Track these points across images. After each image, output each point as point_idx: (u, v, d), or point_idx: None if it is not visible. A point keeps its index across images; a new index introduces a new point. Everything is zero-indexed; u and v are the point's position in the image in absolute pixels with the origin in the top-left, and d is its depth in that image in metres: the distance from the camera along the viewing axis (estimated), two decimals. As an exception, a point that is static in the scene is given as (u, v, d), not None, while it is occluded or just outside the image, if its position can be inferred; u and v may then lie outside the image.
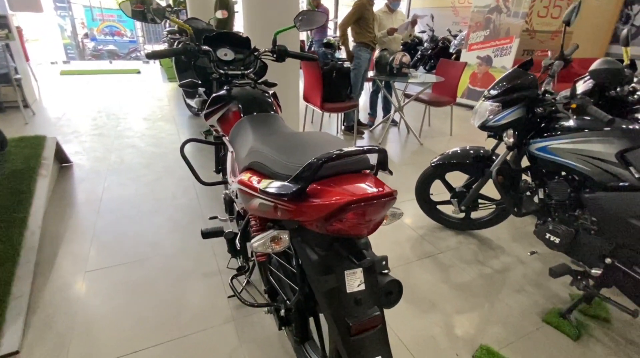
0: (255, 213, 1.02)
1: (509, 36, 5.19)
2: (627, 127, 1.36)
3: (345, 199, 0.73)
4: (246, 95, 1.52)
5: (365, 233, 0.80)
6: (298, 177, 0.80)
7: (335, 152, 0.77)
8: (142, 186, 2.77)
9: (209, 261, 1.96)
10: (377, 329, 0.87)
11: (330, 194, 0.76)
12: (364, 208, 0.73)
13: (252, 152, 1.05)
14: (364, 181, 0.80)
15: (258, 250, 0.89)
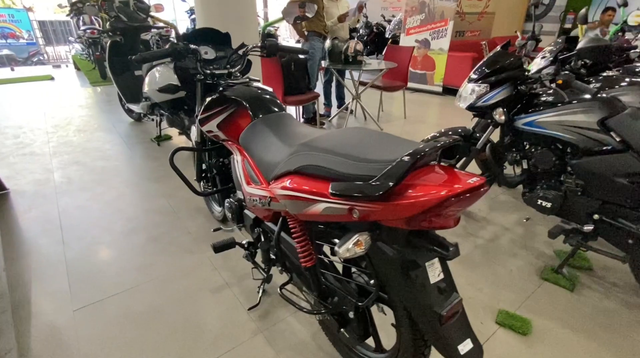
0: (313, 218, 0.96)
1: (444, 19, 5.51)
2: (605, 97, 1.53)
3: (449, 192, 0.72)
4: (252, 96, 1.42)
5: (453, 224, 0.80)
6: (388, 175, 0.77)
7: (427, 147, 0.76)
8: (105, 205, 2.48)
9: (212, 275, 1.83)
10: (460, 313, 0.89)
11: (424, 188, 0.75)
12: (464, 199, 0.73)
13: (300, 155, 0.99)
14: (447, 172, 0.80)
15: (344, 256, 0.85)
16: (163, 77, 3.07)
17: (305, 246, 1.15)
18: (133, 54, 3.73)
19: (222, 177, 1.93)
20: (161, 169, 3.06)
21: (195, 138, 1.93)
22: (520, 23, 7.25)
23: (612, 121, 1.50)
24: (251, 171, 1.32)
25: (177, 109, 3.29)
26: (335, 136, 1.00)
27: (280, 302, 1.66)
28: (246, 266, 1.89)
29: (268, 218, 1.33)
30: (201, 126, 1.58)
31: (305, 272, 1.18)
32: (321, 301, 1.18)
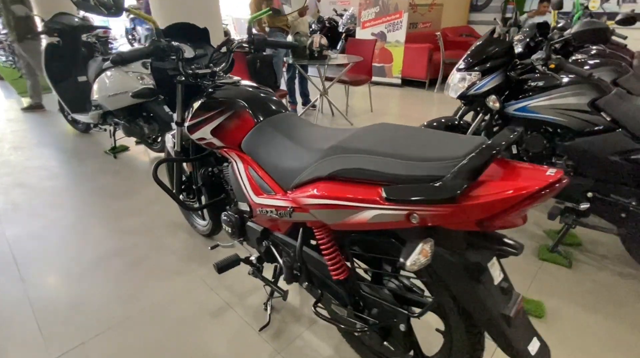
0: (356, 227, 0.86)
1: (398, 11, 5.59)
2: (594, 79, 1.58)
3: (531, 188, 0.65)
4: (251, 96, 1.28)
5: (522, 222, 0.75)
6: (460, 174, 0.69)
7: (500, 141, 0.69)
8: (65, 232, 2.17)
9: (209, 297, 1.66)
10: (522, 312, 0.85)
11: (499, 186, 0.68)
12: (544, 194, 0.67)
13: (334, 159, 0.88)
14: (514, 166, 0.74)
15: (412, 268, 0.76)
16: (117, 82, 2.78)
17: (336, 257, 1.05)
18: (74, 59, 3.37)
19: (210, 188, 1.75)
20: (123, 185, 2.76)
21: (174, 147, 1.74)
22: (466, 14, 7.58)
23: (601, 102, 1.55)
24: (260, 180, 1.18)
25: (134, 116, 3.00)
26: (369, 135, 0.91)
27: (292, 318, 1.54)
28: (246, 283, 1.74)
29: (284, 230, 1.21)
30: (190, 133, 1.41)
31: (338, 286, 1.08)
32: (358, 314, 1.08)
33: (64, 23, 3.14)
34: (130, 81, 2.78)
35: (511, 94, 1.85)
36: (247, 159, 1.25)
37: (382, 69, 6.04)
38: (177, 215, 2.33)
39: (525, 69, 1.82)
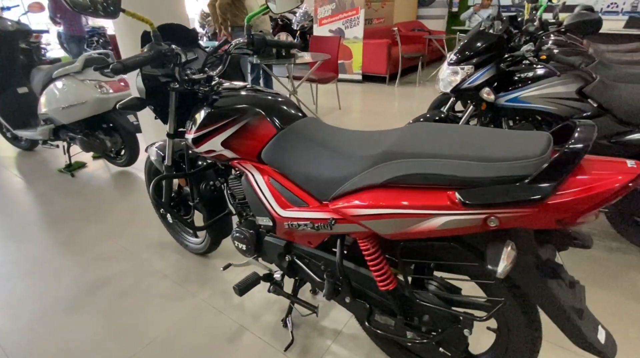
0: (421, 235, 0.82)
1: (355, 8, 5.62)
2: (582, 69, 1.66)
3: (621, 182, 0.64)
4: (268, 102, 1.18)
5: (595, 218, 0.74)
6: (547, 173, 0.66)
7: (587, 137, 0.67)
8: (32, 268, 1.90)
9: (220, 321, 1.53)
10: None
11: (584, 183, 0.66)
12: (628, 188, 0.66)
13: (390, 165, 0.83)
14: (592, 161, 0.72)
15: (504, 275, 0.72)
16: (72, 92, 2.50)
17: (384, 268, 1.00)
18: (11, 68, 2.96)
19: (210, 204, 1.62)
20: (90, 206, 2.48)
21: (165, 161, 1.58)
22: (415, 9, 7.84)
23: (588, 89, 1.64)
24: (287, 192, 1.09)
25: (93, 129, 2.73)
26: (419, 137, 0.86)
27: (314, 332, 1.47)
28: (255, 301, 1.63)
29: (315, 243, 1.13)
30: (195, 146, 1.27)
31: (385, 296, 1.03)
32: (408, 323, 1.04)
33: (0, 28, 2.75)
34: (88, 89, 2.50)
35: (501, 85, 1.91)
36: (268, 171, 1.15)
37: (342, 66, 6.06)
38: (160, 235, 2.14)
39: (514, 62, 1.88)
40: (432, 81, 6.03)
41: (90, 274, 1.83)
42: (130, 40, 2.27)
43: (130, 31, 2.24)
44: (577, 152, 0.65)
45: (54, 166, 3.13)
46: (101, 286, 1.75)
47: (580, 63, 1.60)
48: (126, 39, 2.28)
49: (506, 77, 1.90)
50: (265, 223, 1.22)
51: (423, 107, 4.55)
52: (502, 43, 1.86)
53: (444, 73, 1.98)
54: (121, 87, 2.61)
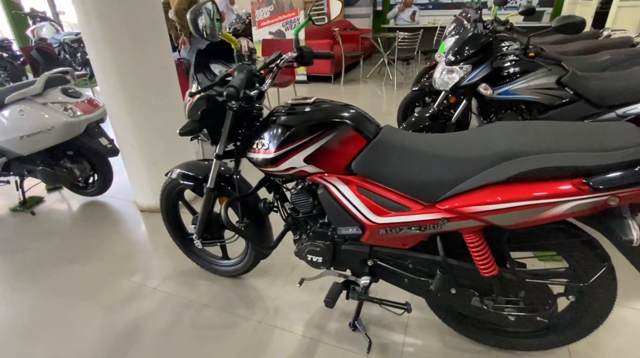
0: (544, 221, 0.95)
1: (294, 9, 5.65)
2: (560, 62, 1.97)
3: None
4: (355, 115, 1.20)
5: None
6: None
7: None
8: (50, 325, 1.63)
9: (288, 339, 1.51)
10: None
11: None
12: None
13: (517, 162, 0.94)
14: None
15: (637, 243, 0.87)
16: (34, 118, 2.21)
17: (488, 256, 1.12)
18: None
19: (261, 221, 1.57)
20: (75, 245, 2.19)
21: (208, 184, 1.49)
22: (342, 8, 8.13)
23: (565, 79, 1.96)
24: (384, 199, 1.15)
25: (57, 158, 2.41)
26: (525, 134, 0.99)
27: (384, 327, 1.53)
28: (309, 311, 1.64)
29: (410, 244, 1.21)
30: (274, 165, 1.24)
31: (487, 281, 1.15)
32: (509, 301, 1.18)
33: None
34: (53, 114, 2.18)
35: (490, 81, 2.16)
36: (357, 181, 1.19)
37: (288, 67, 6.06)
38: (174, 263, 1.99)
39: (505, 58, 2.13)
40: (373, 77, 6.36)
41: (118, 320, 1.64)
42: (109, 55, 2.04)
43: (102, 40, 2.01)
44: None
45: (2, 206, 2.65)
46: (138, 331, 1.59)
47: (560, 58, 1.90)
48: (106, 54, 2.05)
49: (495, 73, 2.15)
50: (352, 232, 1.25)
51: (374, 103, 4.80)
52: (495, 44, 2.10)
53: (439, 73, 2.15)
54: (89, 109, 2.32)
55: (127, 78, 2.10)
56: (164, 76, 2.24)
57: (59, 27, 6.72)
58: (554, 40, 3.32)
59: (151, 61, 2.14)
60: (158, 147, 2.32)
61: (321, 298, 1.70)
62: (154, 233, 2.27)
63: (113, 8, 1.94)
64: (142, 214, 2.49)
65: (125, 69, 2.08)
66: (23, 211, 2.55)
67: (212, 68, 1.35)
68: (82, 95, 2.35)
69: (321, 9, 1.51)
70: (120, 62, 2.06)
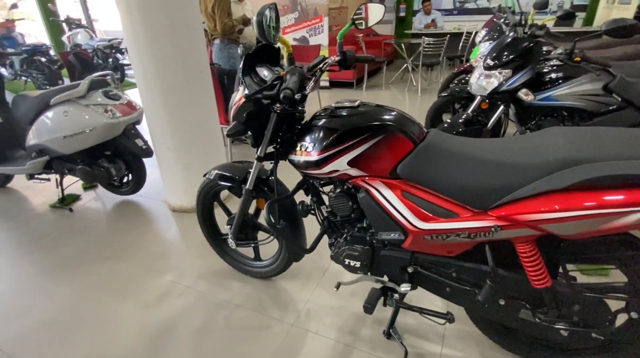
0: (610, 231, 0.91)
1: (319, 15, 5.72)
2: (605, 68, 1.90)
3: None
4: (400, 118, 1.20)
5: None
6: None
7: None
8: (83, 319, 1.68)
9: (323, 343, 1.51)
10: None
11: None
12: None
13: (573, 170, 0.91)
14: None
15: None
16: (76, 119, 2.29)
17: (542, 267, 1.07)
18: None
19: (296, 223, 1.58)
20: (111, 242, 2.25)
21: (247, 185, 1.51)
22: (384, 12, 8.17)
23: (612, 85, 1.88)
24: (431, 205, 1.13)
25: (96, 157, 2.49)
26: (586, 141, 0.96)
27: (421, 336, 1.51)
28: (342, 316, 1.63)
29: (457, 252, 1.18)
30: (318, 168, 1.24)
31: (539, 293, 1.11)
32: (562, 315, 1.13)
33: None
34: (95, 115, 2.27)
35: (530, 86, 2.09)
36: (401, 186, 1.17)
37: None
38: (207, 263, 2.02)
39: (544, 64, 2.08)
40: (396, 83, 6.34)
41: (153, 318, 1.68)
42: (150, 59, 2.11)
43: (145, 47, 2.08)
44: None
45: (41, 203, 2.76)
46: (174, 328, 1.61)
47: (607, 63, 1.83)
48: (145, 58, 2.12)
49: (537, 78, 2.08)
50: (393, 237, 1.23)
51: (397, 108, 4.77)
52: (537, 48, 2.03)
53: (476, 77, 2.11)
54: (128, 111, 2.40)
55: (166, 82, 2.16)
56: (201, 81, 2.30)
57: (92, 34, 7.00)
58: (595, 45, 3.22)
59: (189, 65, 2.20)
60: (192, 149, 2.37)
61: (353, 303, 1.69)
62: (186, 233, 2.31)
63: (156, 15, 2.01)
64: (173, 214, 2.54)
65: (164, 74, 2.14)
66: (62, 207, 2.64)
67: (258, 71, 1.37)
68: (122, 97, 2.44)
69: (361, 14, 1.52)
70: (160, 68, 2.12)
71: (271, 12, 1.16)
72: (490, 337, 1.40)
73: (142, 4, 1.98)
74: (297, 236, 1.62)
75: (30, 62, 5.49)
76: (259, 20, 1.11)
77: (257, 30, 1.11)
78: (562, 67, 2.06)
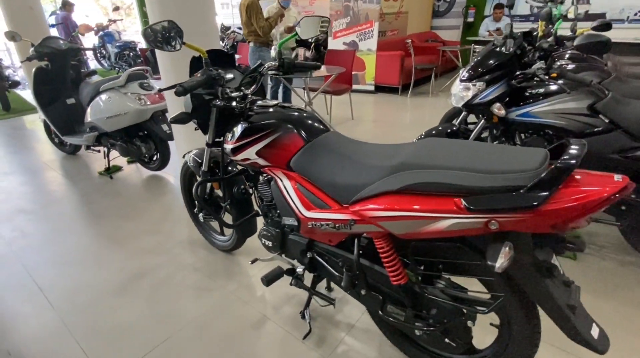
0: (430, 235, 0.97)
1: (369, 21, 5.85)
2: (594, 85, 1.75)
3: (605, 193, 0.75)
4: (298, 118, 1.39)
5: (587, 224, 0.83)
6: (541, 184, 0.79)
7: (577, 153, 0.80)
8: (84, 256, 2.17)
9: (246, 310, 1.76)
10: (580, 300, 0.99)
11: (575, 192, 0.78)
12: (612, 199, 0.75)
13: (405, 174, 0.99)
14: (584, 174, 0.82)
15: (501, 269, 0.86)
16: (116, 104, 2.80)
17: (397, 264, 1.15)
18: (62, 81, 3.30)
19: (241, 205, 1.85)
20: (128, 206, 2.77)
21: (202, 167, 1.82)
22: (429, 20, 8.01)
23: (599, 105, 1.74)
24: (312, 196, 1.28)
25: (131, 136, 3.02)
26: (431, 150, 1.02)
27: (330, 324, 1.66)
28: (276, 294, 1.85)
29: (335, 241, 1.31)
30: (234, 154, 1.50)
31: (396, 290, 1.18)
32: (418, 315, 1.19)
33: (53, 47, 3.09)
34: (129, 102, 2.80)
35: (511, 100, 2.02)
36: (296, 177, 1.34)
37: (356, 77, 6.28)
38: (190, 232, 2.39)
39: (525, 78, 1.98)
40: (445, 91, 6.18)
41: (133, 264, 2.09)
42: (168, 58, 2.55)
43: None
44: (567, 167, 0.77)
45: (94, 169, 3.44)
46: (142, 276, 2.01)
47: (590, 80, 1.69)
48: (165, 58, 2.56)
49: (518, 92, 2.00)
50: (291, 222, 1.41)
51: (435, 118, 4.70)
52: (514, 61, 1.97)
53: (456, 88, 2.10)
54: (157, 100, 2.90)
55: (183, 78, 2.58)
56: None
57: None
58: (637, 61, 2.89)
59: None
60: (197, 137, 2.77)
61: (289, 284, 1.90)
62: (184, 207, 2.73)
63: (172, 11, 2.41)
64: (184, 190, 3.00)
65: (179, 71, 2.56)
66: (105, 175, 3.28)
67: None
68: (154, 89, 2.94)
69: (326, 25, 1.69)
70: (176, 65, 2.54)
71: (169, 23, 1.41)
72: (381, 329, 1.49)
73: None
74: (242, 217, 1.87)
75: (121, 56, 6.60)
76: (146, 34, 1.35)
77: (152, 44, 1.37)
78: (542, 83, 1.95)
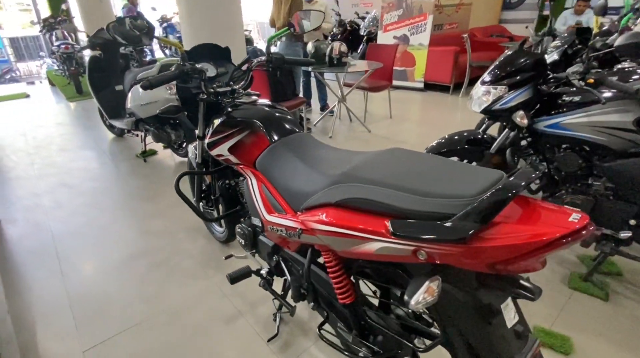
0: (363, 257, 0.88)
1: (423, 13, 5.51)
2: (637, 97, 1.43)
3: (549, 236, 0.60)
4: (266, 116, 1.36)
5: (541, 267, 0.69)
6: (470, 215, 0.66)
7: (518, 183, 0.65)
8: (101, 231, 2.38)
9: (222, 304, 1.79)
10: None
11: (515, 229, 0.64)
12: (565, 243, 0.61)
13: (343, 186, 0.90)
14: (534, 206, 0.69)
15: (416, 307, 0.74)
16: (147, 93, 2.97)
17: (343, 281, 1.06)
18: (113, 70, 3.61)
19: (227, 200, 1.88)
20: (151, 188, 2.96)
21: (196, 159, 1.87)
22: (497, 12, 7.33)
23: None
24: (272, 199, 1.23)
25: (162, 124, 3.20)
26: (380, 163, 0.92)
27: (300, 331, 1.62)
28: (258, 293, 1.85)
29: (293, 248, 1.25)
30: (210, 149, 1.52)
31: (344, 309, 1.09)
32: (362, 341, 1.10)
33: (106, 38, 3.39)
34: (159, 91, 2.96)
35: (542, 108, 1.75)
36: (261, 177, 1.30)
37: (403, 73, 5.98)
38: (196, 220, 2.49)
39: (558, 83, 1.71)
40: (504, 92, 5.64)
41: (138, 244, 2.25)
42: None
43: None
44: (501, 199, 0.64)
45: (133, 151, 3.74)
46: (142, 255, 2.14)
47: (636, 90, 1.39)
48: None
49: (550, 100, 1.73)
50: (257, 223, 1.37)
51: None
52: (543, 63, 1.72)
53: (477, 92, 1.87)
54: (186, 90, 3.04)
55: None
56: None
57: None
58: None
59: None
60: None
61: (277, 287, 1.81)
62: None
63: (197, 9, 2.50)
64: (206, 178, 3.13)
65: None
66: (140, 158, 3.55)
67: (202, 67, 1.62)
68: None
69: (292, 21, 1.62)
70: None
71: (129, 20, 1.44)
72: None
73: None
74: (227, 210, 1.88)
75: None
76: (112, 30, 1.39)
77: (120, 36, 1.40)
78: (576, 90, 1.63)
